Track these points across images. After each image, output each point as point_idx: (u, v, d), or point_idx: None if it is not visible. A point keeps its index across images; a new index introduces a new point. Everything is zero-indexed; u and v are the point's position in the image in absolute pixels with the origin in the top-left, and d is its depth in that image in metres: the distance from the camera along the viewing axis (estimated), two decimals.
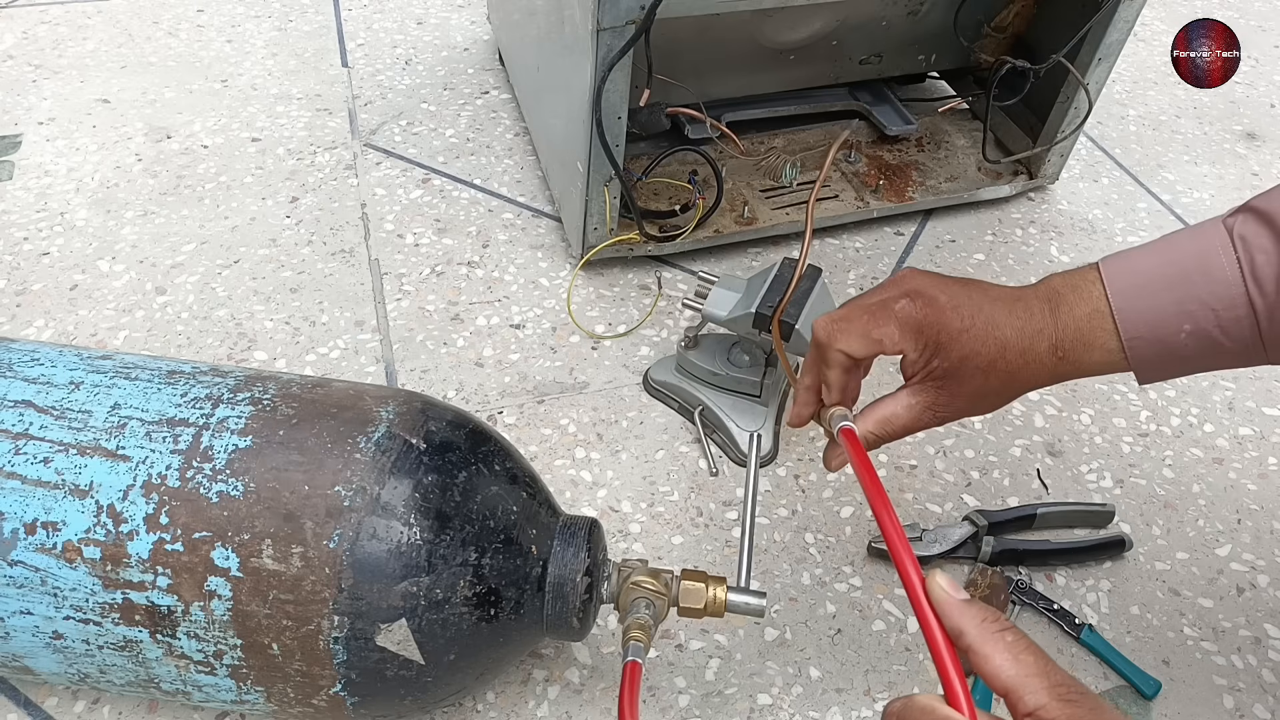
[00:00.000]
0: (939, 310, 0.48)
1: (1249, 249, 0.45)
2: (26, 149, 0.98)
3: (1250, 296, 0.45)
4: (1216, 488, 0.76)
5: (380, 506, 0.46)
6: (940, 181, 0.97)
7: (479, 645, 0.49)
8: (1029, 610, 0.66)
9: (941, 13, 0.95)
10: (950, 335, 0.47)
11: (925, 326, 0.48)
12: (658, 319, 0.85)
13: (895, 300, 0.49)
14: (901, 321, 0.48)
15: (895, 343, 0.49)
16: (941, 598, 0.37)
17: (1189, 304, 0.46)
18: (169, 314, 0.82)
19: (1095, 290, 0.47)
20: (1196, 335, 0.46)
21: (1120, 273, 0.47)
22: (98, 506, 0.46)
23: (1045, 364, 0.48)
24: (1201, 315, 0.45)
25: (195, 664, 0.48)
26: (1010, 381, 0.49)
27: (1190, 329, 0.46)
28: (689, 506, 0.71)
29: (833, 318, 0.50)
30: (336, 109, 1.06)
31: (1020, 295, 0.49)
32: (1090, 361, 0.48)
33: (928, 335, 0.48)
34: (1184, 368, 0.48)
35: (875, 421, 0.51)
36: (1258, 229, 0.45)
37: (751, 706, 0.61)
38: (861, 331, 0.49)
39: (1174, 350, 0.46)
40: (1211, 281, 0.45)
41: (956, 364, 0.48)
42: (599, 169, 0.77)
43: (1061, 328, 0.48)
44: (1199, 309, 0.45)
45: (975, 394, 0.49)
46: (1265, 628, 0.67)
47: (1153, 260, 0.47)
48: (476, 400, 0.77)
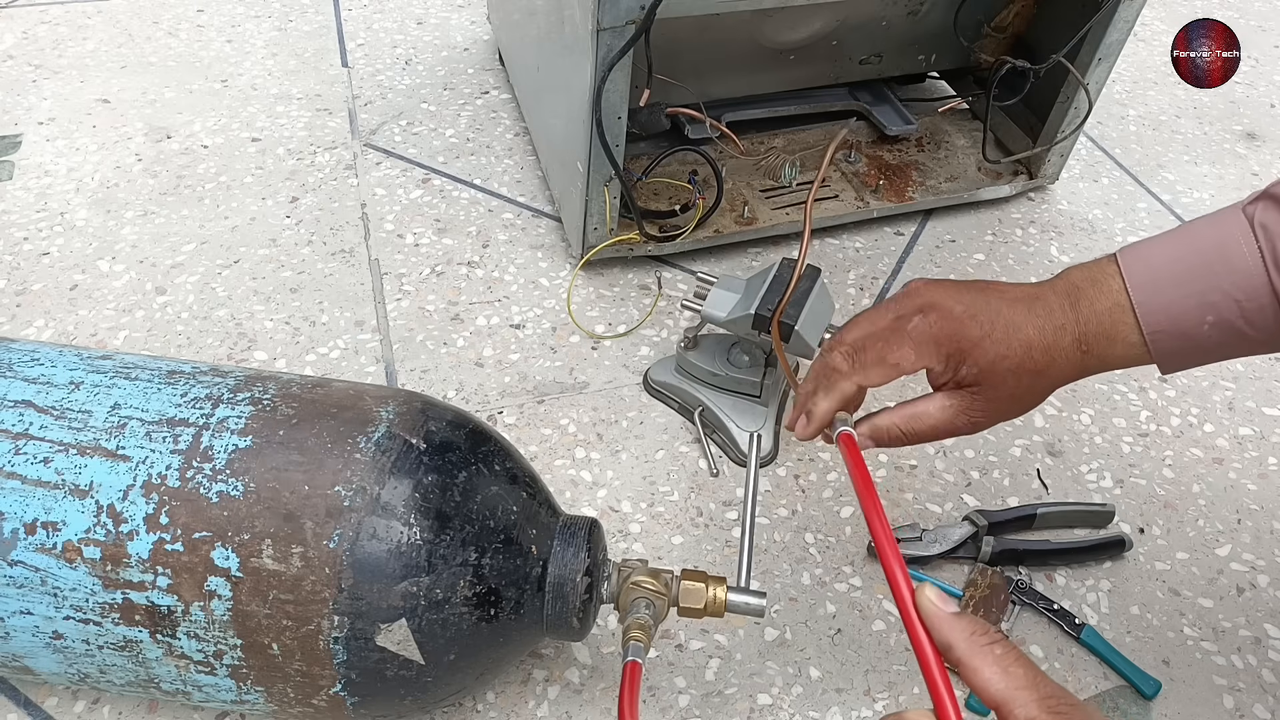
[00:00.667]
0: (955, 321, 0.47)
1: (1270, 236, 0.44)
2: (26, 149, 0.98)
3: (1274, 285, 0.44)
4: (1216, 488, 0.76)
5: (380, 506, 0.46)
6: (940, 181, 0.97)
7: (479, 645, 0.49)
8: (1029, 610, 0.66)
9: (941, 13, 0.95)
10: (971, 343, 0.47)
11: (943, 339, 0.47)
12: (658, 319, 0.85)
13: (908, 319, 0.48)
14: (918, 341, 0.48)
15: (914, 363, 0.48)
16: (931, 610, 0.37)
17: (1211, 295, 0.45)
18: (169, 314, 0.82)
19: (1115, 284, 0.47)
20: (1220, 326, 0.45)
21: (1139, 265, 0.47)
22: (98, 506, 0.46)
23: (1071, 359, 0.48)
24: (1225, 306, 0.45)
25: (195, 664, 0.48)
26: (1039, 380, 0.48)
27: (1213, 320, 0.45)
28: (689, 506, 0.71)
29: (848, 350, 0.49)
30: (336, 109, 1.06)
31: (1038, 294, 0.48)
32: (1114, 355, 0.47)
33: (948, 347, 0.47)
34: (1208, 357, 0.47)
35: (903, 416, 0.50)
36: (1279, 216, 0.44)
37: (751, 706, 0.61)
38: (877, 360, 0.48)
39: (1198, 342, 0.46)
40: (1233, 272, 0.44)
41: (985, 368, 0.47)
42: (599, 169, 0.77)
43: (1084, 322, 0.47)
44: (1222, 300, 0.45)
45: (1010, 395, 0.49)
46: (1265, 628, 0.67)
47: (1172, 251, 0.46)
48: (476, 400, 0.77)
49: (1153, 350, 0.47)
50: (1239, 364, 0.86)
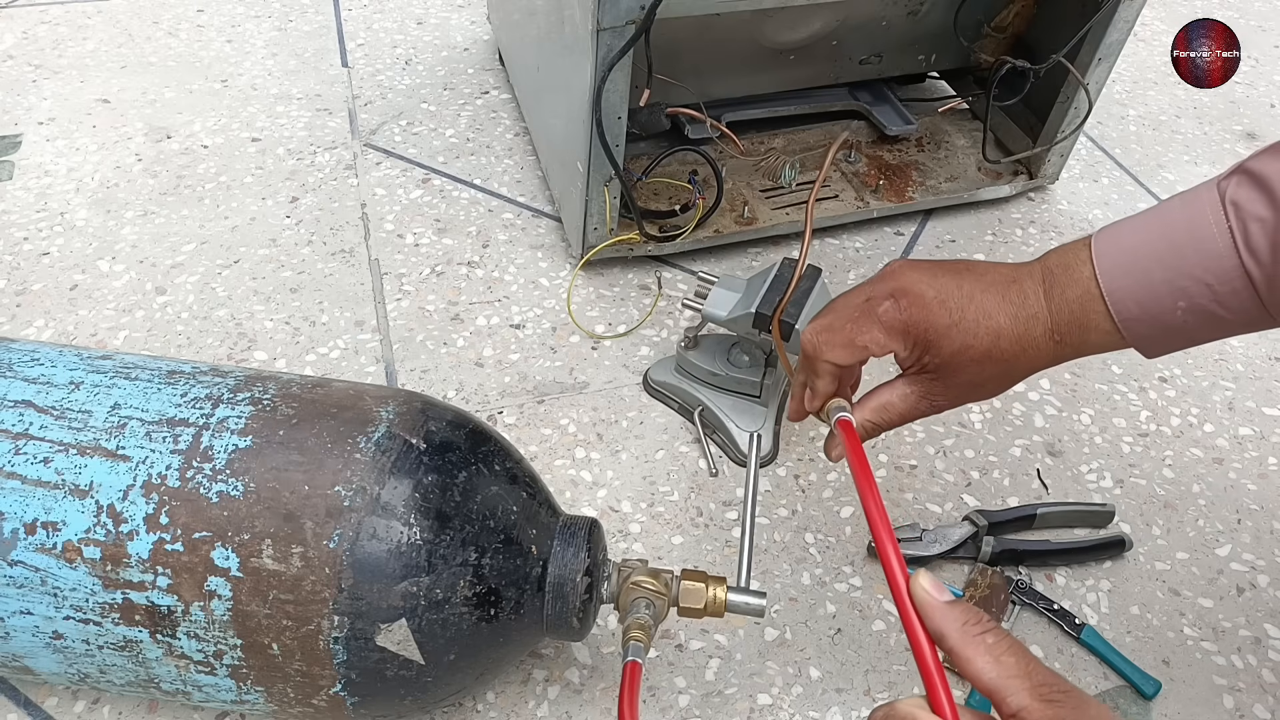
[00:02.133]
0: (925, 307, 0.47)
1: (1242, 216, 0.42)
2: (26, 149, 0.98)
3: (1246, 268, 0.42)
4: (1216, 488, 0.76)
5: (380, 506, 0.46)
6: (940, 181, 0.97)
7: (479, 645, 0.49)
8: (1029, 610, 0.66)
9: (941, 13, 0.95)
10: (939, 332, 0.47)
11: (911, 325, 0.48)
12: (658, 319, 0.85)
13: (879, 302, 0.48)
14: (886, 325, 0.48)
15: (882, 345, 0.48)
16: (924, 599, 0.37)
17: (1181, 280, 0.43)
18: (169, 314, 0.82)
19: (1085, 271, 0.46)
20: (1193, 311, 0.44)
21: (1110, 250, 0.46)
22: (98, 506, 0.46)
23: (1043, 348, 0.47)
24: (1196, 291, 0.43)
25: (195, 664, 0.48)
26: (1009, 369, 0.48)
27: (1185, 305, 0.44)
28: (689, 506, 0.71)
29: (817, 327, 0.50)
30: (336, 109, 1.06)
31: (1015, 277, 0.48)
32: (1089, 342, 0.47)
33: (915, 334, 0.48)
34: (1188, 341, 0.46)
35: (872, 410, 0.51)
36: (1251, 194, 0.42)
37: (751, 706, 0.61)
38: (845, 341, 0.49)
39: (1173, 327, 0.45)
40: (1203, 255, 0.43)
41: (948, 359, 0.48)
42: (599, 169, 0.77)
43: (1056, 311, 0.46)
44: (1192, 285, 0.43)
45: (971, 383, 0.49)
46: (1265, 628, 0.67)
47: (1143, 234, 0.45)
48: (476, 400, 0.77)
49: (1127, 336, 0.46)
50: (1239, 364, 0.86)
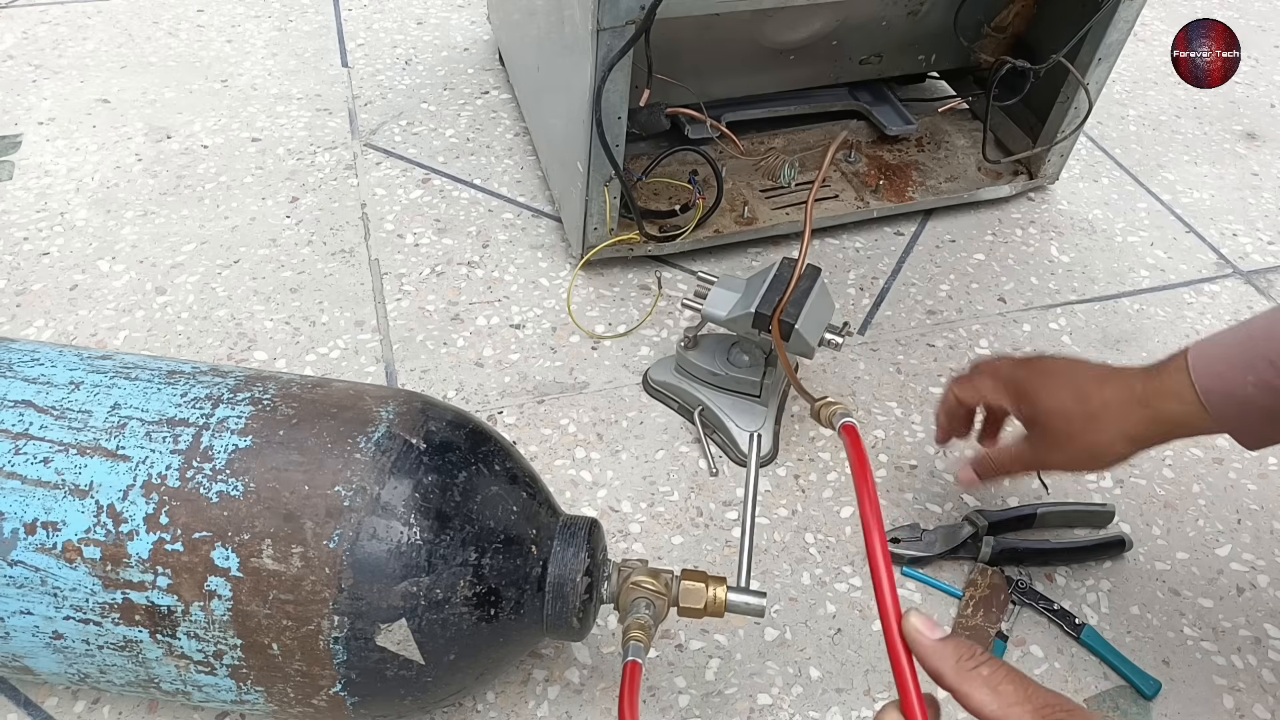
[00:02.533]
0: (1027, 367, 0.60)
1: None
2: (26, 149, 0.98)
3: None
4: (1216, 488, 0.76)
5: (380, 506, 0.46)
6: (940, 181, 0.97)
7: (479, 645, 0.49)
8: (1029, 610, 0.66)
9: (941, 13, 0.95)
10: (1034, 387, 0.58)
11: (1015, 381, 0.59)
12: (658, 319, 0.85)
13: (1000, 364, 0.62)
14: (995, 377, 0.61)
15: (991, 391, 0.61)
16: (917, 639, 0.38)
17: (1253, 359, 0.51)
18: (169, 314, 0.82)
19: (1180, 360, 0.54)
20: (1261, 386, 0.51)
21: (1204, 345, 0.54)
22: (98, 506, 0.46)
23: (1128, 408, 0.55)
24: (1262, 368, 0.51)
25: (195, 664, 0.48)
26: (1092, 424, 0.56)
27: (1254, 380, 0.51)
28: (689, 506, 0.71)
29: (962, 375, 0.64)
30: (336, 109, 1.06)
31: (1120, 369, 0.57)
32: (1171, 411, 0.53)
33: (1017, 389, 0.59)
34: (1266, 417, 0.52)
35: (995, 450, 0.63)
36: None
37: (751, 706, 0.61)
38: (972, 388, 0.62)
39: (1245, 399, 0.51)
40: (1272, 339, 0.51)
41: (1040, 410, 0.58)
42: (599, 169, 0.77)
43: (1149, 381, 0.55)
44: (1259, 362, 0.51)
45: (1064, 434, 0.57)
46: (1265, 628, 0.67)
47: (1232, 334, 0.54)
48: (476, 400, 0.77)
49: (1206, 405, 0.52)
50: None
